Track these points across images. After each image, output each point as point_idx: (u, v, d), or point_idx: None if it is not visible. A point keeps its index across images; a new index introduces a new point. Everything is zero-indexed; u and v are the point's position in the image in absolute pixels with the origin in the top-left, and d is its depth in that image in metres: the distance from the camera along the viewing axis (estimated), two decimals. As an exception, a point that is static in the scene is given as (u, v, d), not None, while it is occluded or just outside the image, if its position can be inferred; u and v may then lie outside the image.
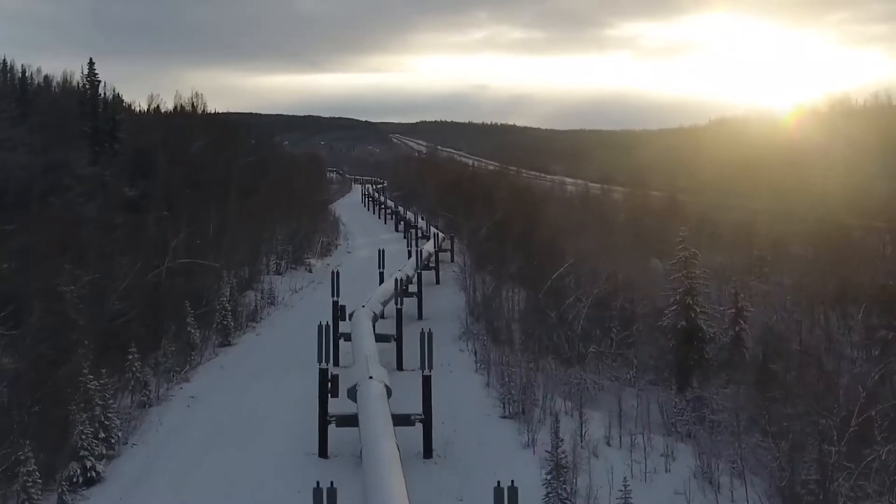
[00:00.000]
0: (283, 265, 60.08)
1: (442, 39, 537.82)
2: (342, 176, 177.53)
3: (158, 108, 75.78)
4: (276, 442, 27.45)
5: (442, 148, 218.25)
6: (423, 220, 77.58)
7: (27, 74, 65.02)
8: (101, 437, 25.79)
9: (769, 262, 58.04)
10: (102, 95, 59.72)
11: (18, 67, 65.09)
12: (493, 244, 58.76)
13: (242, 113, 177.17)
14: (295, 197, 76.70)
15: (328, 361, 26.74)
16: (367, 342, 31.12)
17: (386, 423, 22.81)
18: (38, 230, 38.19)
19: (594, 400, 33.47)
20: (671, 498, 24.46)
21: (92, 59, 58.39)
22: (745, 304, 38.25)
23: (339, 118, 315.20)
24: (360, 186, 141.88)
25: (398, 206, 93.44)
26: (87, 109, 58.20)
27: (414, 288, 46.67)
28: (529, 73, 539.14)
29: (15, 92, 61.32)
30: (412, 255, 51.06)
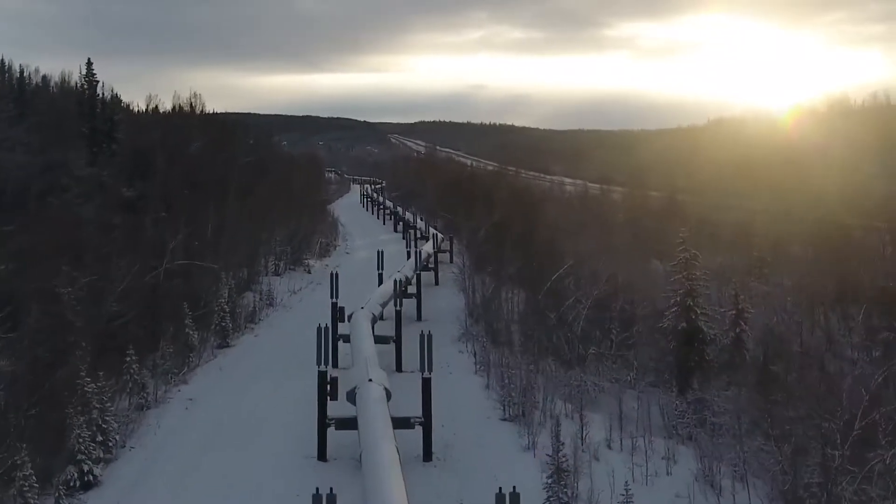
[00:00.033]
0: (281, 266, 59.86)
1: (440, 39, 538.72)
2: (341, 176, 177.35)
3: (157, 108, 75.96)
4: (274, 444, 27.29)
5: (440, 148, 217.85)
6: (421, 220, 77.34)
7: (25, 74, 65.03)
8: (98, 440, 25.67)
9: (769, 262, 57.90)
10: (101, 96, 59.76)
11: (17, 67, 65.13)
12: (492, 245, 58.55)
13: (241, 113, 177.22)
14: (293, 197, 76.48)
15: (327, 364, 26.60)
16: (366, 344, 30.98)
17: (385, 426, 22.68)
18: (36, 231, 38.07)
19: (594, 402, 33.31)
20: (673, 501, 24.33)
21: (90, 59, 58.56)
22: (745, 305, 38.12)
23: (337, 118, 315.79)
24: (358, 187, 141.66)
25: (397, 206, 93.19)
26: (85, 110, 58.14)
27: (413, 289, 46.52)
28: (528, 73, 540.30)
29: (13, 92, 61.31)
30: (411, 255, 50.90)
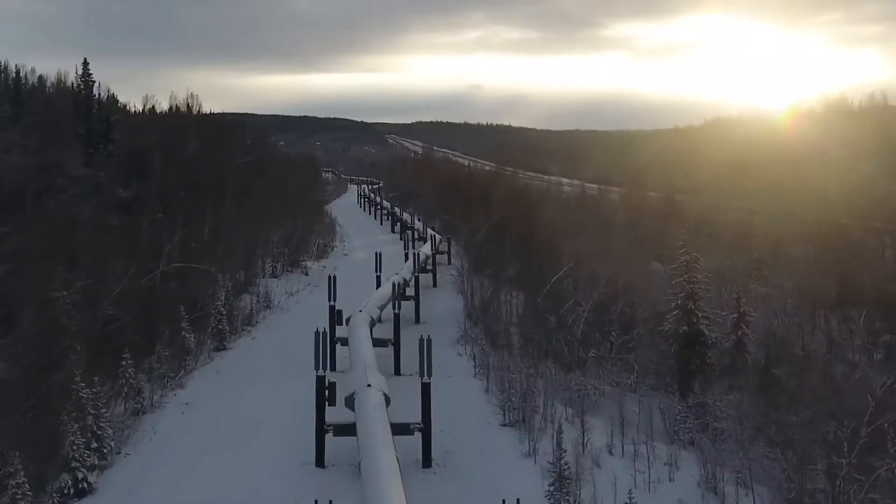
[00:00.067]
0: (278, 268, 59.51)
1: (437, 39, 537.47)
2: (338, 176, 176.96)
3: (153, 108, 75.54)
4: (272, 449, 26.97)
5: (438, 148, 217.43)
6: (419, 221, 76.94)
7: (21, 75, 64.56)
8: (93, 447, 25.36)
9: (768, 264, 57.74)
10: (97, 96, 59.32)
11: (12, 67, 64.63)
12: (491, 246, 58.24)
13: (238, 113, 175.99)
14: (291, 198, 76.09)
15: (325, 368, 26.26)
16: (364, 348, 30.68)
17: (385, 432, 22.41)
18: (31, 232, 37.71)
19: (595, 406, 33.01)
20: (676, 508, 24.07)
21: (86, 59, 58.15)
22: (747, 308, 37.87)
23: (334, 118, 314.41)
24: (355, 187, 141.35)
25: (394, 206, 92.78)
26: (81, 110, 57.72)
27: (411, 291, 46.19)
28: (525, 73, 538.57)
29: (9, 92, 60.85)
30: (409, 257, 50.54)
